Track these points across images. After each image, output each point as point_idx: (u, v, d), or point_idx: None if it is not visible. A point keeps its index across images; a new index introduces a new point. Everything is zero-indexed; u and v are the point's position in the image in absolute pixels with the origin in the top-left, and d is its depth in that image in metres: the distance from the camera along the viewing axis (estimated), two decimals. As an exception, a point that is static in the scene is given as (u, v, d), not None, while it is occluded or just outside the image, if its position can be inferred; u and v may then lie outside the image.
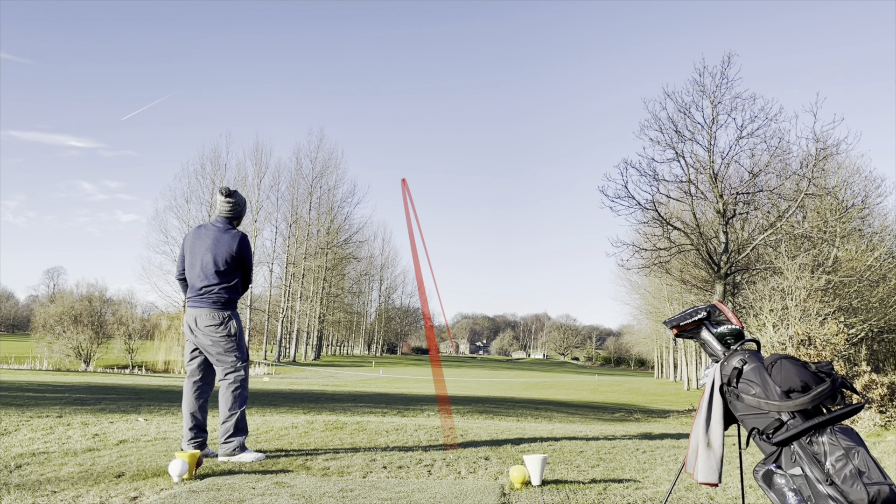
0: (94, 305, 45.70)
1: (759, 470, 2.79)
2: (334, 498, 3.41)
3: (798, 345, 13.85)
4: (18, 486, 3.47)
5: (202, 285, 4.59)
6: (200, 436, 4.58)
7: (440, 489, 3.71)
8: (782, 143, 22.57)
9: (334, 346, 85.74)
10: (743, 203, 23.68)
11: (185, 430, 4.58)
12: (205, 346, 4.58)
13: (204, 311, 4.58)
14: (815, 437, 2.68)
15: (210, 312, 4.57)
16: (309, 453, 4.74)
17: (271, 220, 61.47)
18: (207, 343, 4.56)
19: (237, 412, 4.53)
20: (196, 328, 4.58)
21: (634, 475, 4.41)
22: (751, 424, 2.83)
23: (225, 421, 4.51)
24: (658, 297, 47.15)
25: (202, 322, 4.56)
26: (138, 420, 6.37)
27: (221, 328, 4.56)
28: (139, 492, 3.44)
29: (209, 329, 4.55)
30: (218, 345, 4.55)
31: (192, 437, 4.57)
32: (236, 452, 4.46)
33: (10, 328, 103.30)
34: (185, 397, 4.66)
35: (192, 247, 4.69)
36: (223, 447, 4.48)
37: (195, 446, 4.54)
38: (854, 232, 25.76)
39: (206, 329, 4.56)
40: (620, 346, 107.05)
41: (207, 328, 4.55)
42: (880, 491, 2.50)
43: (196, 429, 4.57)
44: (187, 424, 4.58)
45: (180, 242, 61.89)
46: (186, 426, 4.58)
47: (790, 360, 2.85)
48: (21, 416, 6.16)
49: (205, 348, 4.59)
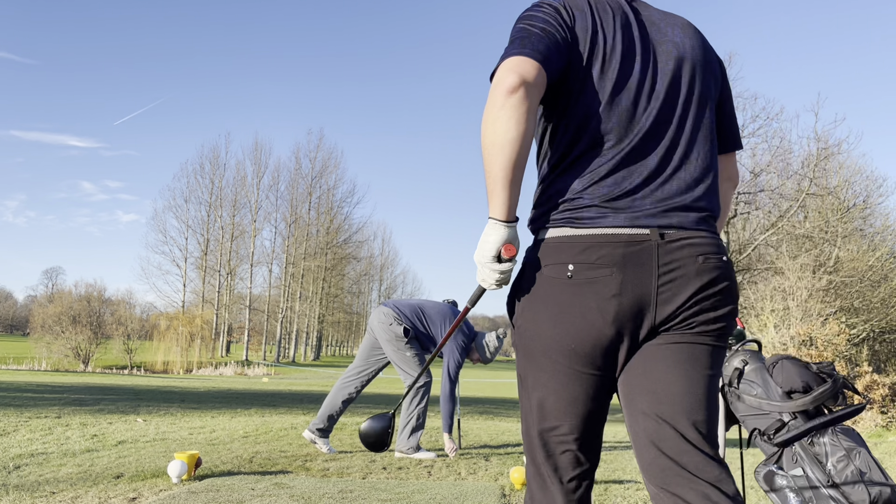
0: (93, 306, 45.69)
1: (761, 471, 2.77)
2: (334, 499, 3.40)
3: (799, 345, 13.84)
4: (17, 487, 3.46)
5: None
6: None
7: (440, 490, 3.70)
8: (783, 143, 22.63)
9: (334, 346, 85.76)
10: (744, 203, 23.68)
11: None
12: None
13: None
14: (817, 437, 2.67)
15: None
16: (308, 454, 4.73)
17: (270, 219, 61.53)
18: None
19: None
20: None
21: (635, 476, 4.40)
22: (752, 425, 2.82)
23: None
24: (658, 297, 47.13)
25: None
26: (137, 421, 6.36)
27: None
28: (138, 493, 3.42)
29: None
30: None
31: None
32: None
33: (9, 328, 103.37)
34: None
35: None
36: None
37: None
38: (855, 232, 25.74)
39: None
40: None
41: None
42: (881, 492, 2.49)
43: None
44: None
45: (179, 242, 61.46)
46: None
47: (791, 361, 2.84)
48: (19, 416, 6.15)
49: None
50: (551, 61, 1.46)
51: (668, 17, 1.63)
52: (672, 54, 1.57)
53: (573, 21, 1.52)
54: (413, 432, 4.78)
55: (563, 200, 1.50)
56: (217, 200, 59.93)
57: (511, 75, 1.40)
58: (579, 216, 1.47)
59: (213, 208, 59.92)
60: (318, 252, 62.61)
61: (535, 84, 1.42)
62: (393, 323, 4.79)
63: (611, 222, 1.45)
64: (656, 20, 1.60)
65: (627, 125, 1.50)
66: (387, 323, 4.80)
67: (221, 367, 43.48)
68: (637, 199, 1.47)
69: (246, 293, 61.01)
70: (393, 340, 4.77)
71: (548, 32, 1.48)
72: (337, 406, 4.88)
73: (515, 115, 1.38)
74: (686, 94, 1.56)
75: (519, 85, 1.39)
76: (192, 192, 59.58)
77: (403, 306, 4.93)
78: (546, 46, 1.46)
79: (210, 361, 46.70)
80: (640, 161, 1.50)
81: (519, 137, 1.39)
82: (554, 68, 1.47)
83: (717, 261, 1.48)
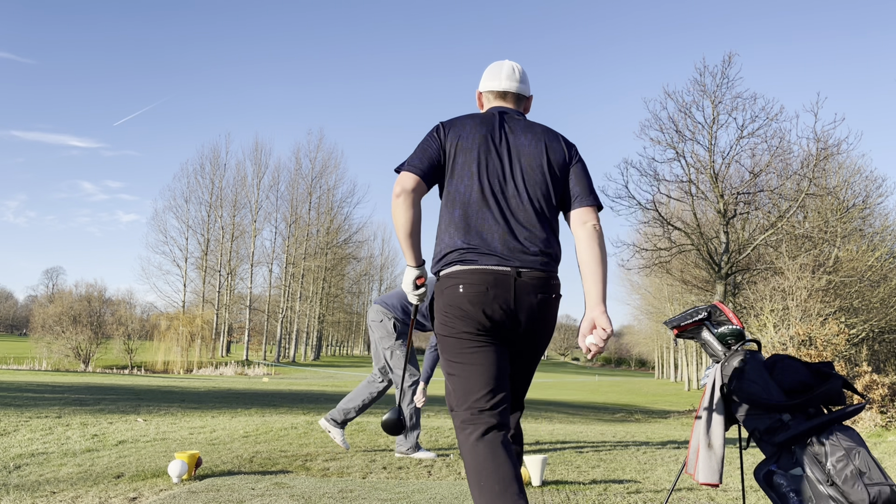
0: (94, 306, 45.70)
1: (760, 470, 2.78)
2: (334, 498, 3.40)
3: (799, 345, 13.84)
4: (17, 487, 3.47)
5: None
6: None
7: (440, 490, 3.70)
8: (783, 143, 22.60)
9: (334, 346, 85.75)
10: (744, 203, 23.68)
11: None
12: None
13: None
14: (816, 437, 2.67)
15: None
16: (308, 454, 4.73)
17: (271, 219, 61.51)
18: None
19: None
20: None
21: (635, 476, 4.40)
22: (752, 425, 2.82)
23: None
24: (658, 297, 47.15)
25: None
26: (137, 421, 6.36)
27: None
28: (138, 492, 3.43)
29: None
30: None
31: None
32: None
33: (9, 328, 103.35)
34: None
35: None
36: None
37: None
38: (855, 232, 25.75)
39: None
40: (621, 347, 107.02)
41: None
42: (881, 492, 2.50)
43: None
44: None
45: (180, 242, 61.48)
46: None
47: (791, 361, 2.84)
48: (20, 416, 6.15)
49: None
50: (425, 169, 2.31)
51: (528, 126, 2.42)
52: (522, 151, 2.36)
53: (446, 136, 2.36)
54: (410, 432, 4.79)
55: (452, 250, 2.27)
56: (217, 200, 59.95)
57: (397, 186, 2.28)
58: (464, 258, 2.24)
59: (213, 208, 59.92)
60: (318, 252, 62.60)
61: (413, 188, 2.27)
62: (384, 320, 4.83)
63: (488, 262, 2.22)
64: (516, 129, 2.39)
65: (486, 199, 2.29)
66: (378, 321, 4.86)
67: (222, 366, 43.49)
68: (497, 248, 2.23)
69: (246, 293, 61.02)
70: (386, 337, 4.80)
71: (425, 149, 2.35)
72: (357, 402, 4.92)
73: (401, 209, 2.25)
74: (528, 177, 2.32)
75: (400, 192, 2.26)
76: (192, 193, 59.63)
77: (390, 298, 4.97)
78: (421, 160, 2.32)
79: (210, 361, 46.70)
80: (495, 223, 2.26)
81: (406, 223, 2.25)
82: (428, 172, 2.31)
83: (549, 296, 2.26)
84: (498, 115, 2.41)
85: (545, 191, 2.32)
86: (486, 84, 2.53)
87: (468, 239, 2.24)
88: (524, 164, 2.33)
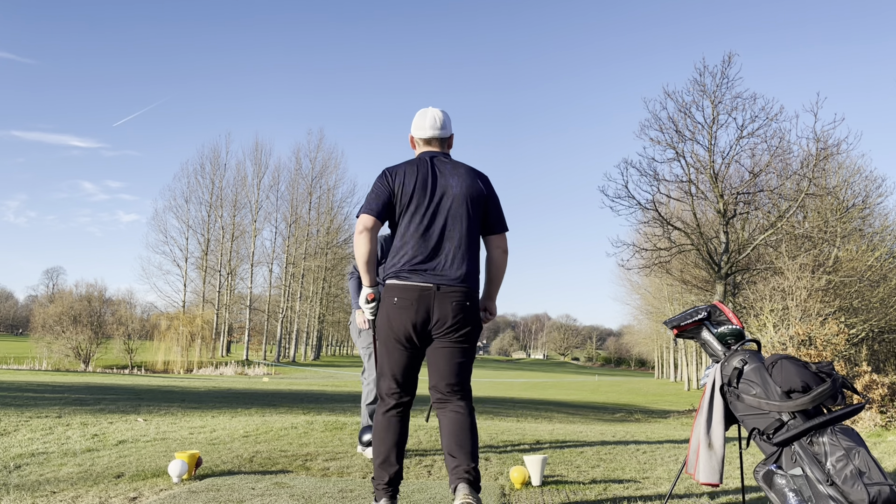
0: (94, 305, 45.68)
1: (760, 470, 2.78)
2: (334, 498, 3.41)
3: (799, 345, 13.83)
4: (18, 487, 3.47)
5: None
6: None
7: (440, 490, 3.70)
8: (783, 143, 22.61)
9: (334, 346, 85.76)
10: (743, 203, 23.69)
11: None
12: None
13: None
14: (816, 437, 2.67)
15: None
16: (308, 454, 4.73)
17: (271, 219, 61.53)
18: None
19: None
20: None
21: (635, 475, 4.40)
22: (751, 425, 2.83)
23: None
24: (658, 297, 47.15)
25: None
26: (137, 420, 6.36)
27: None
28: (138, 492, 3.43)
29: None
30: None
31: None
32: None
33: (10, 328, 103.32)
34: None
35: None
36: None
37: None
38: (855, 232, 25.75)
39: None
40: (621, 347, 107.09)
41: None
42: (881, 491, 2.50)
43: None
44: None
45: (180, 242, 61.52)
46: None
47: (791, 361, 2.84)
48: (20, 416, 6.15)
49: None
50: (379, 210, 2.97)
51: (455, 167, 3.06)
52: (447, 190, 3.00)
53: (392, 181, 3.00)
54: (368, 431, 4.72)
55: (395, 269, 2.97)
56: (217, 200, 59.95)
57: (359, 225, 2.96)
58: (400, 274, 2.95)
59: (213, 208, 59.93)
60: (318, 252, 62.60)
61: (372, 227, 2.96)
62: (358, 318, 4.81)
63: (416, 279, 2.92)
64: (444, 170, 3.04)
65: (421, 230, 2.96)
66: (354, 321, 4.85)
67: (222, 366, 43.51)
68: (428, 269, 2.93)
69: (246, 293, 61.02)
70: (364, 336, 4.80)
71: (378, 194, 2.99)
72: (368, 415, 4.84)
73: (362, 243, 2.96)
74: (453, 212, 2.99)
75: (362, 230, 2.95)
76: (192, 193, 59.64)
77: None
78: (376, 203, 2.97)
79: (210, 361, 46.71)
80: (427, 249, 2.95)
81: (365, 254, 2.95)
82: (382, 212, 2.97)
83: (463, 302, 2.93)
84: (429, 160, 3.06)
85: (468, 223, 3.00)
86: (415, 132, 3.16)
87: (409, 261, 2.94)
88: (452, 201, 3.00)
